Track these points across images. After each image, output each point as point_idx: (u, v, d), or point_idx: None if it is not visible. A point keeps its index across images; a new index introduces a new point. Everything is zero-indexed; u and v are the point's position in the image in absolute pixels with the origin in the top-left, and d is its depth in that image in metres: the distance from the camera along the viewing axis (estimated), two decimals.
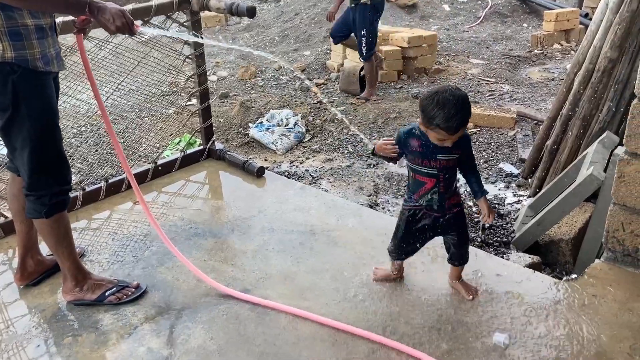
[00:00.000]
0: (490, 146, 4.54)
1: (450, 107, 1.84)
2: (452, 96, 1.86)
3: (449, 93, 1.87)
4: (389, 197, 3.57)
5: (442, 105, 1.85)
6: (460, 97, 1.87)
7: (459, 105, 1.85)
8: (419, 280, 2.36)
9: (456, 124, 1.87)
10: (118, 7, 1.94)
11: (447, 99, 1.85)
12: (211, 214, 2.99)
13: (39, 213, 2.04)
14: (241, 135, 4.96)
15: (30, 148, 1.94)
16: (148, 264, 2.50)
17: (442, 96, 1.87)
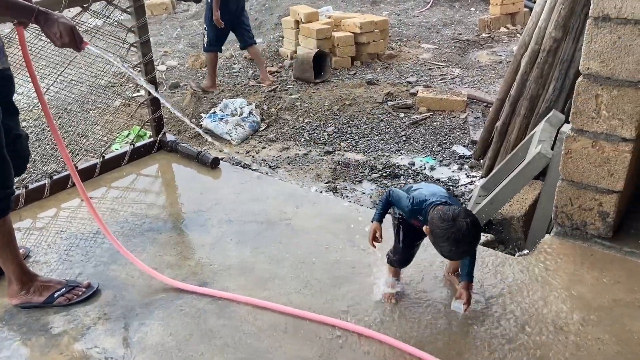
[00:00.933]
0: (443, 129, 4.62)
1: (463, 245, 1.74)
2: (467, 234, 1.72)
3: (465, 229, 1.71)
4: (347, 184, 3.57)
5: (454, 242, 1.74)
6: (473, 234, 1.74)
7: (470, 240, 1.76)
8: (380, 263, 2.37)
9: (462, 250, 1.78)
10: (69, 24, 1.83)
11: (461, 237, 1.72)
12: (165, 207, 2.90)
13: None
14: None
15: None
16: (99, 262, 2.40)
17: (456, 234, 1.72)
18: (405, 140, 4.39)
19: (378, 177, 3.61)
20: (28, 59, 2.04)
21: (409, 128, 4.62)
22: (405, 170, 3.76)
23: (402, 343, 1.94)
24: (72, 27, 1.82)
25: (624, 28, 2.00)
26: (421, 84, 5.70)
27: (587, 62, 2.13)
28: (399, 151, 4.21)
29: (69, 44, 1.83)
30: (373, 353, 1.92)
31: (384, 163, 3.90)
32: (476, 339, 1.95)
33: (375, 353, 1.92)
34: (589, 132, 2.23)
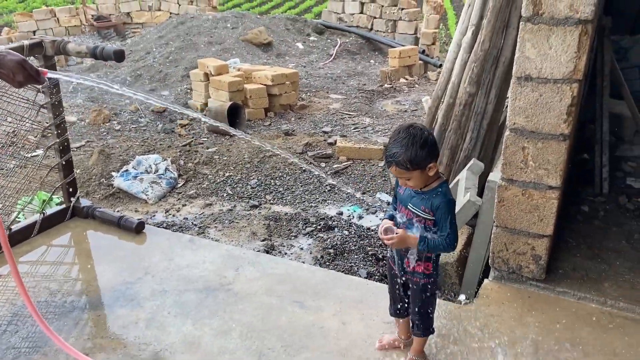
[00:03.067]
0: (365, 177, 4.72)
1: (393, 143, 1.72)
2: (400, 128, 1.74)
3: (401, 129, 1.73)
4: (283, 240, 3.48)
5: (389, 140, 1.75)
6: (404, 130, 1.71)
7: (397, 135, 1.71)
8: (332, 324, 2.30)
9: (388, 154, 1.73)
10: (16, 59, 1.64)
11: (395, 135, 1.73)
12: (87, 281, 2.62)
13: None
14: (104, 187, 4.50)
15: None
16: (19, 353, 2.08)
17: (393, 133, 1.76)
18: (330, 189, 4.42)
19: (313, 231, 3.56)
20: None
21: (332, 177, 4.67)
22: (337, 222, 3.76)
23: None
24: (21, 60, 1.63)
25: (544, 86, 2.19)
26: (336, 133, 5.84)
27: (513, 117, 2.30)
28: (326, 201, 4.22)
29: (25, 80, 1.64)
30: None
31: (314, 215, 3.88)
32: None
33: None
34: (519, 181, 2.38)
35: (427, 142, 1.70)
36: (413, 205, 1.82)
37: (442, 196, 1.78)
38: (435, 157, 1.75)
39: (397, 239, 1.78)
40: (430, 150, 1.71)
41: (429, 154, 1.71)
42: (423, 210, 1.80)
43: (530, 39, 2.15)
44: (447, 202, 1.77)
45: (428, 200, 1.79)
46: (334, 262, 3.14)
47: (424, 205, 1.79)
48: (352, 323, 2.30)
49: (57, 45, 2.75)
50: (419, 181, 1.76)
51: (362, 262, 3.14)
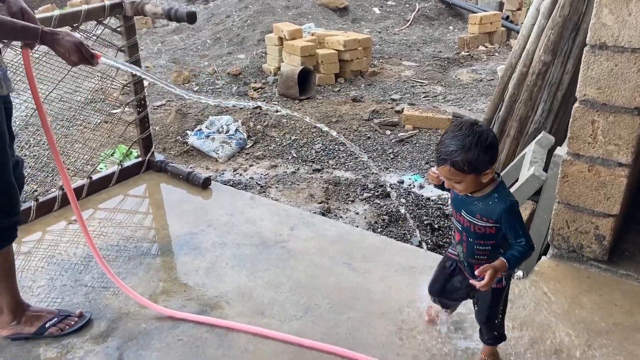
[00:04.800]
0: (430, 147, 4.65)
1: (450, 131, 1.55)
2: (461, 123, 1.56)
3: (463, 125, 1.55)
4: (340, 204, 3.55)
5: (445, 135, 1.57)
6: (467, 126, 1.53)
7: (458, 131, 1.52)
8: (379, 288, 2.35)
9: (443, 150, 1.55)
10: (74, 41, 1.76)
11: (455, 125, 1.56)
12: (157, 230, 2.83)
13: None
14: (179, 144, 4.77)
15: None
16: (91, 290, 2.32)
17: (452, 128, 1.57)
18: (393, 157, 4.41)
19: (370, 197, 3.60)
20: (33, 83, 1.97)
21: (396, 145, 4.64)
22: (396, 190, 3.76)
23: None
24: (77, 43, 1.76)
25: (620, 56, 2.04)
26: (405, 101, 5.75)
27: (583, 89, 2.17)
28: (388, 169, 4.22)
29: (79, 61, 1.78)
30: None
31: (374, 182, 3.90)
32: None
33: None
34: (586, 157, 2.26)
35: (492, 145, 1.54)
36: (467, 213, 1.65)
37: (502, 202, 1.59)
38: (494, 162, 1.59)
39: (489, 278, 1.55)
40: (493, 154, 1.55)
41: (491, 158, 1.54)
42: (479, 218, 1.62)
43: (608, 4, 2.00)
44: (510, 208, 1.59)
45: (484, 208, 1.61)
46: (387, 228, 3.17)
47: (480, 213, 1.62)
48: (398, 288, 2.34)
49: (136, 6, 2.91)
50: (469, 186, 1.58)
51: (415, 231, 3.14)
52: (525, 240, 1.61)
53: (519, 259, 1.61)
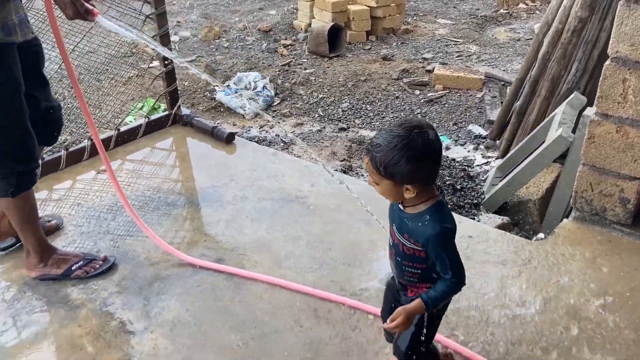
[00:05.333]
0: (459, 108, 4.55)
1: (395, 123, 1.36)
2: (407, 122, 1.32)
3: (411, 122, 1.33)
4: (362, 163, 3.55)
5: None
6: (408, 127, 1.28)
7: (397, 128, 1.30)
8: None
9: (372, 140, 1.36)
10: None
11: (402, 121, 1.34)
12: (180, 182, 2.90)
13: (4, 192, 1.92)
14: (207, 99, 4.81)
15: None
16: (116, 236, 2.42)
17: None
18: (421, 118, 4.34)
19: None
20: (57, 31, 2.01)
21: (425, 106, 4.56)
22: None
23: None
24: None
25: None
26: (437, 60, 5.60)
27: (616, 45, 2.07)
28: None
29: (74, 15, 1.79)
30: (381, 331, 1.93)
31: None
32: (493, 323, 1.95)
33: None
34: (614, 117, 2.18)
35: (419, 158, 1.25)
36: (397, 228, 1.42)
37: (432, 226, 1.32)
38: (421, 181, 1.30)
39: (402, 320, 1.39)
40: (417, 169, 1.27)
41: (413, 173, 1.27)
42: (407, 238, 1.38)
43: None
44: (440, 235, 1.32)
45: (413, 229, 1.36)
46: None
47: (408, 233, 1.37)
48: None
49: None
50: (386, 192, 1.34)
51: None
52: (452, 274, 1.35)
53: (441, 298, 1.39)
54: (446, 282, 1.37)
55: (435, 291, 1.38)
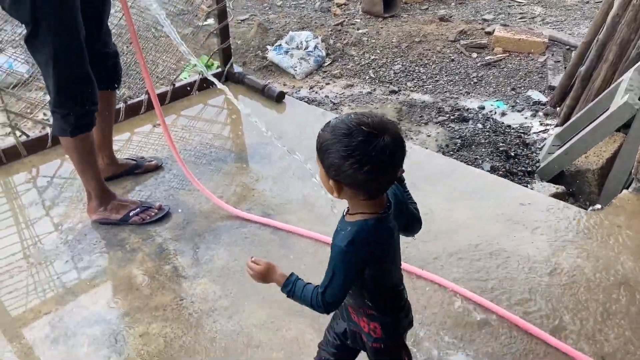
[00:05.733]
0: (519, 73, 4.36)
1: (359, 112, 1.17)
2: (362, 116, 1.12)
3: (362, 116, 1.14)
4: (412, 125, 3.49)
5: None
6: (353, 120, 1.11)
7: (356, 115, 1.14)
8: (441, 211, 2.35)
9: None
10: None
11: (360, 114, 1.14)
12: (231, 138, 2.96)
13: (64, 131, 2.04)
14: (259, 58, 4.83)
15: (53, 65, 1.89)
16: (170, 187, 2.52)
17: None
18: (477, 82, 4.20)
19: (445, 120, 3.49)
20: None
21: (481, 69, 4.40)
22: (474, 115, 3.61)
23: (460, 288, 1.94)
24: None
25: None
26: (498, 22, 5.35)
27: None
28: (469, 94, 4.04)
29: None
30: (429, 294, 1.94)
31: (452, 105, 3.77)
32: (540, 293, 1.92)
33: (430, 294, 1.94)
34: None
35: (354, 160, 1.06)
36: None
37: (339, 239, 1.17)
38: (353, 185, 1.11)
39: (258, 270, 1.28)
40: (345, 169, 1.08)
41: (340, 172, 1.09)
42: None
43: None
44: (338, 249, 1.16)
45: (334, 235, 1.21)
46: (458, 152, 3.09)
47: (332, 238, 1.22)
48: (459, 210, 2.32)
49: None
50: (321, 179, 1.18)
51: (489, 157, 3.05)
52: (322, 293, 1.21)
53: (301, 297, 1.24)
54: (314, 293, 1.22)
55: (301, 285, 1.25)
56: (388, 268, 1.26)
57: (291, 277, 1.27)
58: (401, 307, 1.32)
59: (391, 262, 1.27)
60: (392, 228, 1.21)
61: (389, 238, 1.22)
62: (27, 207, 2.44)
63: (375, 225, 1.16)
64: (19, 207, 2.45)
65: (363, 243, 1.16)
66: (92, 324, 1.84)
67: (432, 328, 1.81)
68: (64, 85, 1.94)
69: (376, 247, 1.18)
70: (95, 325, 1.84)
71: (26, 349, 1.77)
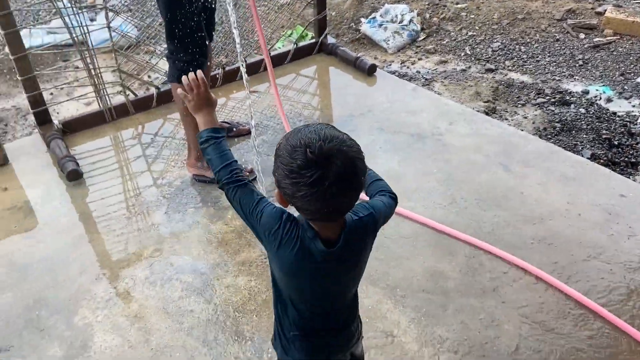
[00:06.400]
0: (630, 57, 4.02)
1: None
2: (327, 125, 1.07)
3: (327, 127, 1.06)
4: (508, 106, 3.35)
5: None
6: (320, 128, 1.04)
7: (321, 125, 1.07)
8: (535, 194, 2.26)
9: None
10: None
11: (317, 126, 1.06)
12: (321, 108, 3.01)
13: (172, 77, 2.24)
14: (352, 31, 4.80)
15: (164, 17, 2.13)
16: (261, 152, 2.61)
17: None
18: (582, 65, 3.92)
19: (545, 103, 3.31)
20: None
21: (588, 52, 4.10)
22: (577, 99, 3.39)
23: (545, 273, 1.88)
24: None
25: None
26: (610, 2, 4.92)
27: None
28: (572, 76, 3.78)
29: None
30: (512, 277, 1.90)
31: (553, 87, 3.56)
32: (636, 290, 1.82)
33: (515, 278, 1.90)
34: None
35: (293, 180, 1.00)
36: None
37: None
38: (293, 203, 1.05)
39: (195, 96, 1.23)
40: (275, 171, 1.06)
41: (279, 177, 1.04)
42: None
43: None
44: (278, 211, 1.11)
45: None
46: (556, 136, 2.93)
47: None
48: (556, 196, 2.23)
49: None
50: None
51: (590, 143, 2.86)
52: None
53: (211, 160, 1.21)
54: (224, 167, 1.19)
55: (220, 152, 1.20)
56: (301, 289, 1.14)
57: (219, 132, 1.20)
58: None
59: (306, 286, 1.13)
60: (318, 259, 1.07)
61: (308, 262, 1.08)
62: (132, 160, 2.65)
63: (303, 236, 1.06)
64: (125, 160, 2.67)
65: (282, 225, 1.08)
66: (185, 271, 1.99)
67: (512, 311, 1.78)
68: (172, 35, 2.13)
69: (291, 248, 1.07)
70: (188, 272, 1.99)
71: (129, 287, 1.95)
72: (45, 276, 2.01)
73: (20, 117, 3.67)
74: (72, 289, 1.95)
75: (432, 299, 1.84)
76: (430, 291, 1.87)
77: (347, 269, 1.13)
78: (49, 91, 3.60)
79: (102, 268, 2.04)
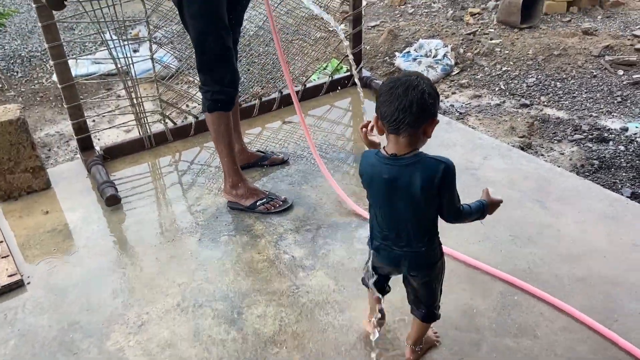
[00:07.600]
0: None
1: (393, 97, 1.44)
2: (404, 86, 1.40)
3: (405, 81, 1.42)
4: (544, 141, 3.30)
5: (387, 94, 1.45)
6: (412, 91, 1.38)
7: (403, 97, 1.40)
8: (572, 233, 2.20)
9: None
10: None
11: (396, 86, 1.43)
12: (354, 140, 3.04)
13: (204, 107, 2.29)
14: (386, 64, 4.87)
15: (195, 46, 2.15)
16: (294, 181, 2.65)
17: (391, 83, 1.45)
18: (621, 101, 3.85)
19: (582, 139, 3.25)
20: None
21: (628, 88, 4.03)
22: (616, 136, 3.32)
23: (583, 315, 1.82)
24: None
25: None
26: None
27: None
28: (610, 113, 3.72)
29: None
30: (548, 317, 1.84)
31: (590, 124, 3.50)
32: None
33: (551, 318, 1.84)
34: None
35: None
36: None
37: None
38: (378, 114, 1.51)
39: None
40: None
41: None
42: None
43: None
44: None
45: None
46: (595, 174, 2.86)
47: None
48: (594, 235, 2.16)
49: None
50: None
51: (629, 182, 2.79)
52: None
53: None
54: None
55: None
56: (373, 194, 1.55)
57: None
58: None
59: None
60: (378, 164, 1.49)
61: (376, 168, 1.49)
62: (168, 187, 2.71)
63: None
64: (162, 186, 2.74)
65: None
66: (217, 299, 2.01)
67: (549, 353, 1.72)
68: (203, 65, 2.18)
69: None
70: (220, 300, 2.00)
71: (161, 313, 1.98)
72: (80, 299, 2.05)
73: (63, 142, 3.83)
74: (105, 313, 1.98)
75: (465, 337, 1.80)
76: (464, 329, 1.83)
77: (399, 191, 1.45)
78: (92, 118, 3.75)
79: (135, 293, 2.07)
